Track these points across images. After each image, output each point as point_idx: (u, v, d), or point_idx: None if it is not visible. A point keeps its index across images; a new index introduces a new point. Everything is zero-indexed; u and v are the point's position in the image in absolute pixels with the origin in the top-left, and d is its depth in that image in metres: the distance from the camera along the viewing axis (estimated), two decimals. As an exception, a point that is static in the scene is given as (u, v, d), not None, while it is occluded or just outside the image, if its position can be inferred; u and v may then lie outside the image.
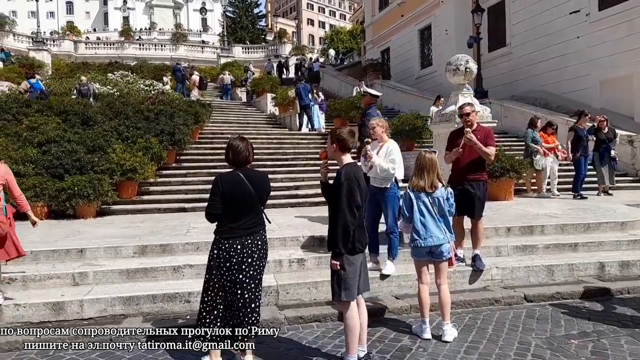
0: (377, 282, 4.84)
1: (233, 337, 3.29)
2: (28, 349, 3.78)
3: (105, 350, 3.75)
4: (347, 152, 3.40)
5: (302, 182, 10.03)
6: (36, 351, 3.76)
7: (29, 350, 3.77)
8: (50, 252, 5.24)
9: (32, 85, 13.92)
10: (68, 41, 37.13)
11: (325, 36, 66.28)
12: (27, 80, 14.48)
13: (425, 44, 23.42)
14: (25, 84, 14.23)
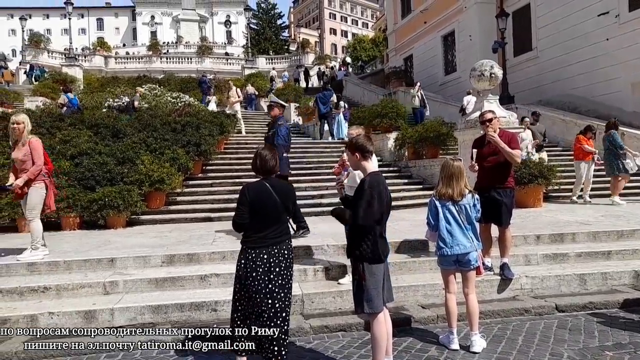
0: (402, 292, 4.79)
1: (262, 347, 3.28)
2: (61, 356, 3.89)
3: (135, 358, 3.83)
4: (370, 157, 3.39)
5: (326, 191, 10.03)
6: (69, 358, 3.87)
7: (62, 357, 3.88)
8: (83, 261, 5.40)
9: (69, 100, 14.39)
10: (99, 56, 38.40)
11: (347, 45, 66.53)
12: (65, 95, 14.96)
13: (449, 50, 23.25)
14: (63, 98, 14.71)
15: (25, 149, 5.49)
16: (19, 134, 5.52)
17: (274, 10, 59.82)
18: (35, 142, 5.57)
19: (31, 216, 5.51)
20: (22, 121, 5.55)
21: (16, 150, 5.54)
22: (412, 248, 5.79)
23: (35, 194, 5.49)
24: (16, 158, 5.50)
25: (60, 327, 4.31)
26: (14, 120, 5.55)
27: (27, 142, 5.52)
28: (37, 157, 5.51)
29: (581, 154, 9.56)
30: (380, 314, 3.26)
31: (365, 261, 3.21)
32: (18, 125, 5.50)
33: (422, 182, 11.39)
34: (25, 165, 5.46)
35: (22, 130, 5.52)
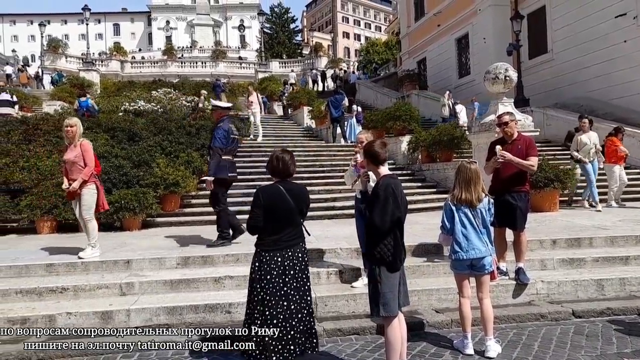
0: (416, 295, 4.77)
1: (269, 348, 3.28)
2: (78, 356, 3.95)
3: (151, 359, 3.87)
4: (381, 164, 3.40)
5: (339, 194, 10.04)
6: (86, 358, 3.93)
7: (80, 357, 3.95)
8: (100, 263, 5.49)
9: (79, 104, 14.74)
10: (115, 61, 38.99)
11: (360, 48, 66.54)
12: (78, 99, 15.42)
13: (463, 53, 23.13)
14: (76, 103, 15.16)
15: (77, 151, 5.69)
16: (72, 136, 5.72)
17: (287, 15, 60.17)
18: (87, 144, 5.79)
19: (88, 216, 5.70)
20: (74, 124, 5.75)
21: (68, 151, 5.73)
22: (426, 252, 5.77)
23: (88, 195, 5.68)
24: (68, 159, 5.67)
25: (78, 327, 4.38)
26: (67, 124, 5.75)
27: (79, 144, 5.72)
28: (89, 159, 5.72)
29: (615, 157, 9.37)
30: (395, 318, 3.26)
31: (383, 265, 3.21)
32: (71, 127, 5.71)
33: (436, 185, 11.33)
34: (76, 166, 5.65)
35: (74, 133, 5.72)
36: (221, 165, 6.27)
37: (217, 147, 6.23)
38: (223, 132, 6.32)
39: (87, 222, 5.72)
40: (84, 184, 5.65)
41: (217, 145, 6.23)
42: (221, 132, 6.33)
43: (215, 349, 4.00)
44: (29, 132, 10.49)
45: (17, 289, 4.84)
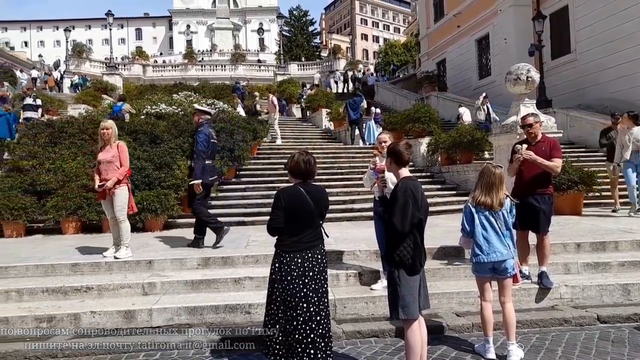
0: (436, 299, 4.73)
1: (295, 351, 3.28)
2: (103, 354, 4.04)
3: (172, 358, 3.93)
4: (403, 165, 3.39)
5: (358, 196, 10.02)
6: (110, 356, 4.01)
7: (104, 355, 4.03)
8: (123, 263, 5.59)
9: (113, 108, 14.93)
10: (137, 65, 39.72)
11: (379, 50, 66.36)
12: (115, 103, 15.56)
13: (483, 54, 22.86)
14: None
15: (113, 151, 5.88)
16: (108, 138, 5.92)
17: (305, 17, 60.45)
18: (123, 145, 6.02)
19: (122, 217, 5.85)
20: (110, 126, 5.98)
21: (104, 152, 5.90)
22: (446, 254, 5.72)
23: (121, 196, 5.85)
24: (104, 159, 5.84)
25: (102, 326, 4.48)
26: (104, 126, 5.96)
27: (115, 145, 5.93)
28: (125, 159, 5.94)
29: None
30: (415, 321, 3.23)
31: (402, 268, 3.19)
32: (107, 130, 5.92)
33: (456, 187, 11.21)
34: (112, 166, 5.83)
35: (110, 135, 5.93)
36: (205, 169, 6.39)
37: (201, 151, 6.36)
38: (204, 137, 6.45)
39: (120, 223, 5.85)
40: (117, 184, 5.80)
41: (200, 149, 6.37)
42: (202, 136, 6.45)
43: (236, 349, 4.05)
44: (55, 135, 10.76)
45: (44, 287, 4.97)
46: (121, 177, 5.84)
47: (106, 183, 5.76)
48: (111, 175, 5.78)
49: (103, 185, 5.79)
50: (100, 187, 5.84)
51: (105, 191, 5.81)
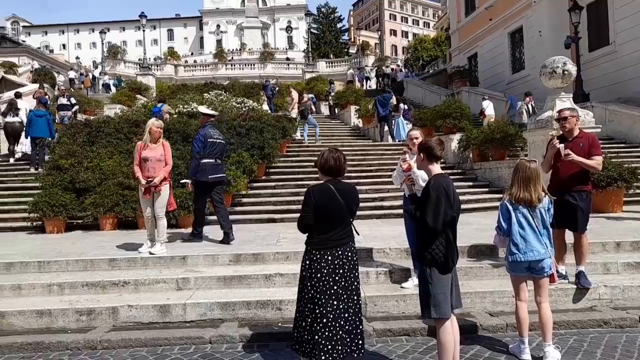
0: (469, 298, 4.65)
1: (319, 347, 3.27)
2: (139, 347, 4.16)
3: (206, 352, 4.01)
4: (436, 161, 3.35)
5: (387, 194, 9.96)
6: (146, 349, 4.13)
7: (140, 348, 4.16)
8: (157, 258, 5.75)
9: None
10: (169, 65, 40.64)
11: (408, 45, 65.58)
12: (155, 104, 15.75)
13: (517, 47, 22.25)
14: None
15: (160, 150, 6.06)
16: (159, 137, 6.10)
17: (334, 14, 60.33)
18: (167, 144, 6.22)
19: (162, 213, 6.04)
20: (161, 125, 6.19)
21: (151, 150, 6.05)
22: (479, 253, 5.62)
23: (165, 193, 6.05)
24: (153, 157, 6.00)
25: (139, 319, 4.62)
26: (159, 125, 6.17)
27: (162, 143, 6.12)
28: (170, 158, 6.14)
29: None
30: (448, 321, 3.19)
31: (434, 266, 3.16)
32: (160, 129, 6.11)
33: (488, 185, 10.98)
34: (160, 164, 6.01)
35: (161, 134, 6.13)
36: (201, 168, 6.58)
37: (194, 152, 6.67)
38: (200, 137, 6.68)
39: (158, 219, 6.01)
40: (163, 181, 5.98)
41: (194, 150, 6.69)
42: (198, 137, 6.73)
43: (267, 345, 4.10)
44: (92, 134, 11.14)
45: (84, 281, 5.16)
46: (167, 175, 6.02)
47: (153, 180, 5.91)
48: (158, 173, 5.95)
49: (151, 182, 5.93)
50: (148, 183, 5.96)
51: (151, 188, 5.96)
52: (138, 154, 6.11)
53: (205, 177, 6.60)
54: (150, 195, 6.01)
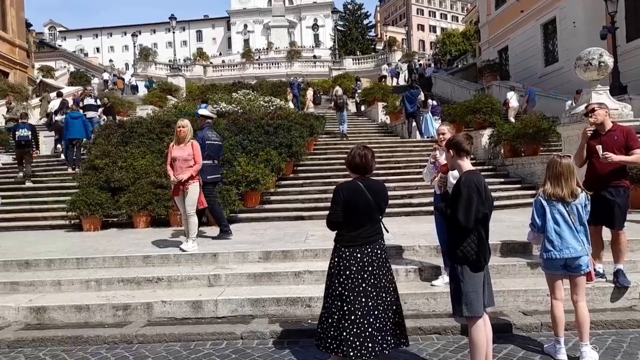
0: (502, 296, 4.56)
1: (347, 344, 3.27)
2: (173, 342, 4.27)
3: (237, 348, 4.08)
4: (466, 156, 3.30)
5: (416, 191, 9.86)
6: (180, 344, 4.23)
7: (174, 342, 4.26)
8: (189, 255, 5.87)
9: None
10: (198, 66, 41.37)
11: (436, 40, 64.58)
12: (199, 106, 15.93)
13: (550, 39, 21.60)
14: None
15: (188, 149, 6.15)
16: (184, 136, 6.19)
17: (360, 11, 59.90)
18: (197, 144, 6.30)
19: (192, 211, 6.14)
20: (186, 125, 6.24)
21: (179, 150, 6.17)
22: (512, 250, 5.50)
23: (194, 191, 6.15)
24: (180, 156, 6.12)
25: (172, 315, 4.74)
26: (180, 124, 6.24)
27: (190, 143, 6.20)
28: (198, 157, 6.21)
29: None
30: (480, 319, 3.14)
31: (466, 264, 3.11)
32: (183, 128, 6.19)
33: (521, 181, 10.73)
34: (187, 163, 6.11)
35: (186, 133, 6.20)
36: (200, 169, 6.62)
37: None
38: (198, 139, 6.77)
39: (189, 217, 6.12)
40: (191, 179, 6.08)
41: None
42: (196, 139, 6.80)
43: (297, 342, 4.14)
44: (126, 135, 11.45)
45: (119, 277, 5.33)
46: (194, 173, 6.10)
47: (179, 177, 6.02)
48: (186, 172, 6.05)
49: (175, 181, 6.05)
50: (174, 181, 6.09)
51: (179, 188, 6.08)
52: (169, 153, 6.26)
53: (204, 178, 6.74)
54: (180, 193, 6.13)
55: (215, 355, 3.94)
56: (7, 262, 5.91)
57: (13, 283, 5.38)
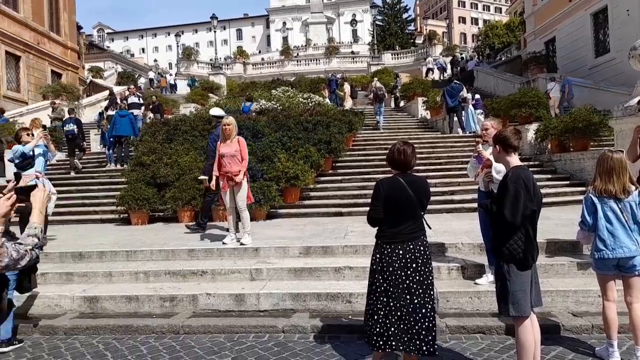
0: (550, 297, 4.41)
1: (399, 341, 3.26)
2: (218, 333, 4.39)
3: (279, 341, 4.15)
4: (513, 152, 3.21)
5: (458, 187, 9.66)
6: (224, 336, 4.34)
7: (218, 334, 4.38)
8: (232, 250, 6.01)
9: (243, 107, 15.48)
10: (238, 64, 42.04)
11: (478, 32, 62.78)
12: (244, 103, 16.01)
13: (600, 29, 20.53)
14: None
15: (235, 146, 6.27)
16: (229, 134, 6.32)
17: (399, 5, 59.14)
18: (243, 140, 6.44)
19: (244, 206, 6.28)
20: (231, 122, 6.39)
21: (225, 147, 6.29)
22: (560, 249, 5.31)
23: (244, 186, 6.27)
24: (228, 153, 6.24)
25: (216, 307, 4.87)
26: (225, 122, 6.38)
27: (237, 140, 6.34)
28: (245, 152, 6.34)
29: None
30: (527, 319, 3.05)
31: (512, 262, 3.02)
32: (229, 125, 6.33)
33: (569, 177, 10.30)
34: (235, 159, 6.22)
35: (231, 130, 6.33)
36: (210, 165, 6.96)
37: (209, 150, 7.13)
38: (213, 138, 7.08)
39: (242, 212, 6.24)
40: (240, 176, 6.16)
41: (209, 149, 7.16)
42: (212, 137, 7.21)
43: (338, 336, 4.16)
44: (170, 132, 11.81)
45: (166, 270, 5.52)
46: (245, 170, 6.22)
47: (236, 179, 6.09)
48: (235, 168, 6.15)
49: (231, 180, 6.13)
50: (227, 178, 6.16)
51: (228, 183, 6.17)
52: (217, 150, 6.38)
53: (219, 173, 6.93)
54: (229, 188, 6.23)
55: (258, 347, 4.02)
56: (62, 254, 6.25)
57: (68, 273, 5.68)
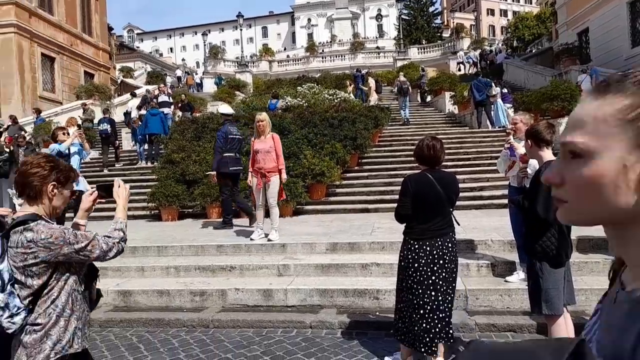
0: (583, 295, 4.29)
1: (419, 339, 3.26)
2: (246, 327, 4.45)
3: (307, 336, 4.18)
4: (546, 146, 3.13)
5: (487, 183, 9.49)
6: (252, 330, 4.40)
7: (247, 328, 4.45)
8: (260, 245, 6.08)
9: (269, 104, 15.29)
10: (264, 62, 42.30)
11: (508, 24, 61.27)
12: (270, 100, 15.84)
13: (637, 18, 19.75)
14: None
15: (269, 142, 6.29)
16: (263, 130, 6.36)
17: (426, -2, 58.17)
18: (277, 137, 6.45)
19: (274, 202, 6.31)
20: (264, 118, 6.43)
21: (259, 143, 6.33)
22: (594, 246, 5.15)
23: (276, 183, 6.29)
24: (262, 149, 6.27)
25: (244, 302, 4.94)
26: (258, 119, 6.42)
27: (271, 136, 6.37)
28: (280, 150, 6.35)
29: None
30: (560, 317, 2.99)
31: (545, 260, 2.96)
32: (262, 122, 6.36)
33: (603, 172, 9.96)
34: (270, 155, 6.24)
35: (264, 126, 6.36)
36: (223, 161, 7.26)
37: (217, 147, 7.36)
38: (221, 134, 7.39)
39: (272, 208, 6.27)
40: (273, 172, 6.18)
41: (216, 145, 7.41)
42: (219, 134, 7.47)
43: (365, 333, 4.16)
44: (199, 130, 12.02)
45: (196, 265, 5.64)
46: (282, 167, 6.24)
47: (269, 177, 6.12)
48: (269, 164, 6.15)
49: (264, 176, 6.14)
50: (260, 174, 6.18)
51: (262, 180, 6.19)
52: (252, 146, 6.42)
53: (227, 169, 7.23)
54: (262, 185, 6.26)
55: (286, 342, 4.06)
56: (97, 249, 6.44)
57: (102, 268, 5.76)
